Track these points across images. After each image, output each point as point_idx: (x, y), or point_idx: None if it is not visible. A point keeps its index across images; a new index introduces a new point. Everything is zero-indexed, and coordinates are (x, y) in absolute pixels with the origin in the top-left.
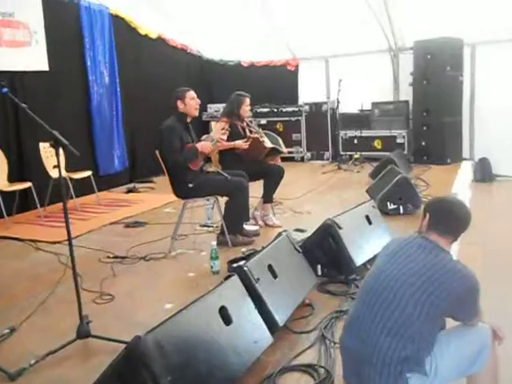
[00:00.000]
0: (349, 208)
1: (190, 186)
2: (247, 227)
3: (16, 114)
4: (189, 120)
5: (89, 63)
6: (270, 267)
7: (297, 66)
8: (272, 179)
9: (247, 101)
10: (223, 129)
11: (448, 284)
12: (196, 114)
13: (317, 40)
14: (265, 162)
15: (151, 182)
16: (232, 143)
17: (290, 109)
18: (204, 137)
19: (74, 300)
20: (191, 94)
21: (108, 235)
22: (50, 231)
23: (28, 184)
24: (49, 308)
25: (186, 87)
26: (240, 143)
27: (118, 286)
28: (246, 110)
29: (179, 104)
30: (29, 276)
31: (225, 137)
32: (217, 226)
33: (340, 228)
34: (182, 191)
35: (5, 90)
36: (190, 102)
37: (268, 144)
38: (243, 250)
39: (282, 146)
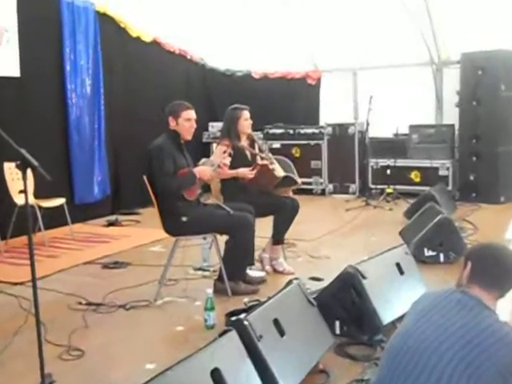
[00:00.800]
0: (376, 253)
1: (184, 219)
2: (251, 273)
3: None
4: (182, 141)
5: (68, 69)
6: (276, 322)
7: (319, 79)
8: (284, 215)
9: (245, 114)
10: (225, 152)
11: (492, 351)
12: (188, 138)
13: (344, 48)
14: (275, 194)
15: (137, 213)
16: (235, 171)
17: (309, 130)
18: (202, 161)
19: (36, 354)
20: (189, 113)
21: (81, 277)
22: (12, 270)
23: None
24: (4, 362)
25: (184, 103)
26: (244, 172)
27: (90, 339)
28: (244, 124)
29: (171, 121)
30: None
31: (227, 161)
32: (214, 271)
33: (364, 277)
34: (174, 226)
35: None
36: (184, 124)
37: (280, 172)
38: (245, 300)
39: (296, 175)
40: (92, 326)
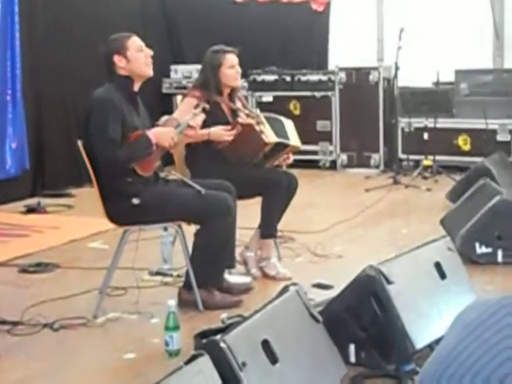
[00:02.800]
0: (407, 250)
1: (136, 202)
2: (231, 278)
3: None
4: (136, 88)
5: None
6: (265, 345)
7: (328, 4)
8: (277, 196)
9: (229, 59)
10: (197, 106)
11: None
12: (149, 72)
13: None
14: (264, 167)
15: (69, 195)
16: (206, 131)
17: (313, 77)
18: (163, 119)
19: None
20: (136, 40)
21: None
22: None
23: None
24: None
25: (125, 33)
26: (219, 132)
27: (4, 372)
28: (229, 74)
29: (117, 61)
30: None
31: (200, 120)
32: (179, 275)
33: (390, 283)
34: (121, 212)
35: None
36: (138, 56)
37: (269, 137)
38: (223, 316)
39: (292, 133)
40: (6, 353)
